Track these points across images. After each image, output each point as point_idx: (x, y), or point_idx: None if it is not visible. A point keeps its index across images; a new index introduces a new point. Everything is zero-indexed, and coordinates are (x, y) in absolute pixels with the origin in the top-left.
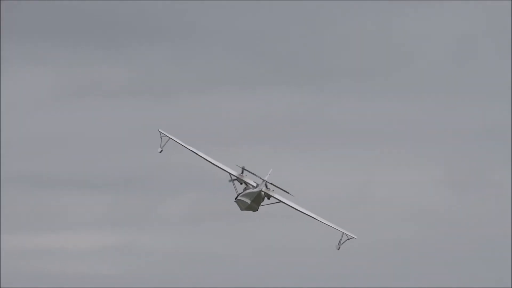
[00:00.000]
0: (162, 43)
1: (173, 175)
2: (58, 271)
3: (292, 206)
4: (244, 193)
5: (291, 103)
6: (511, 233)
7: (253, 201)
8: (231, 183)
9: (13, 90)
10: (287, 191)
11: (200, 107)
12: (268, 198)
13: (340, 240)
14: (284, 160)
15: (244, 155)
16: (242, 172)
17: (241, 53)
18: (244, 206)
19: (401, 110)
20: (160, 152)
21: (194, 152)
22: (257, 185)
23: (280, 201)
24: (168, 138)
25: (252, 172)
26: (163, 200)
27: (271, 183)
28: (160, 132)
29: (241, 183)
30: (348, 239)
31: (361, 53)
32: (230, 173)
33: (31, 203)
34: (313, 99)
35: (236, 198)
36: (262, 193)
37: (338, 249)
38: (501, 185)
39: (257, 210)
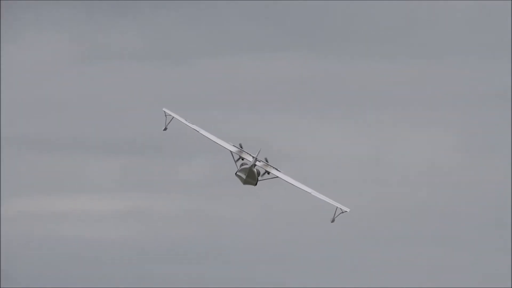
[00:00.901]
0: (171, 8)
1: (185, 141)
2: (68, 235)
3: (289, 181)
4: (240, 168)
5: (298, 69)
6: None
7: (248, 176)
8: (232, 157)
9: (17, 56)
10: (277, 167)
11: (205, 72)
12: (268, 173)
13: (334, 213)
14: (287, 126)
15: (246, 122)
16: (242, 147)
17: (247, 17)
18: (242, 181)
19: (414, 74)
20: (164, 130)
21: (196, 130)
22: (255, 160)
23: (277, 177)
24: (172, 116)
25: (246, 151)
26: (177, 165)
27: (263, 160)
28: (164, 111)
29: (242, 159)
30: (342, 213)
31: (373, 17)
32: (230, 150)
33: (37, 166)
34: (319, 64)
35: (236, 173)
36: (254, 169)
37: (332, 221)
38: None
39: (256, 184)
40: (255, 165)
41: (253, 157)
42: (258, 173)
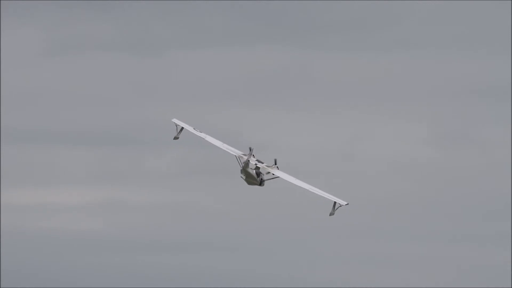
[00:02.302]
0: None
1: (159, 131)
2: (39, 227)
3: (291, 181)
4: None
5: (277, 60)
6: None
7: (247, 176)
8: (236, 158)
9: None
10: (270, 167)
11: (185, 64)
12: (270, 173)
13: (334, 207)
14: (265, 119)
15: (228, 115)
16: (251, 150)
17: (224, 8)
18: (246, 182)
19: (392, 66)
20: (175, 139)
21: (203, 139)
22: (247, 159)
23: (278, 177)
24: (181, 126)
25: (253, 154)
26: (149, 155)
27: (259, 160)
28: (174, 122)
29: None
30: (341, 206)
31: (347, 10)
32: (234, 155)
33: (6, 158)
34: (297, 56)
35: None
36: (249, 169)
37: (330, 214)
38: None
39: (261, 184)
40: (257, 166)
41: (244, 157)
42: (258, 174)
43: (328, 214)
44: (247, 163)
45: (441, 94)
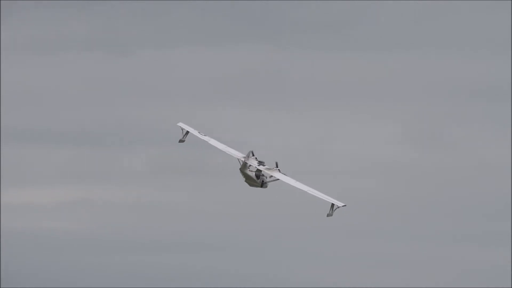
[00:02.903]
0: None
1: (134, 129)
2: (11, 226)
3: (291, 184)
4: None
5: (251, 60)
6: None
7: (247, 178)
8: (238, 161)
9: None
10: (271, 169)
11: (159, 63)
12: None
13: (332, 208)
14: (242, 118)
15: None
16: (253, 155)
17: (199, 8)
18: (246, 183)
19: (366, 65)
20: (180, 142)
21: (207, 142)
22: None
23: (278, 179)
24: (187, 130)
25: (254, 157)
26: (125, 154)
27: (260, 163)
28: (180, 126)
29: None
30: (339, 207)
31: (322, 7)
32: (237, 158)
33: None
34: (271, 56)
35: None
36: (247, 171)
37: (328, 215)
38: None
39: (262, 186)
40: (259, 169)
41: (246, 160)
42: (258, 176)
43: (326, 215)
44: (244, 165)
45: (437, 93)
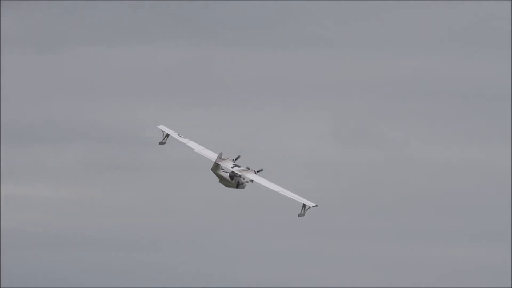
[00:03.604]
0: None
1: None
2: None
3: (264, 184)
4: None
5: (186, 56)
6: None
7: (221, 179)
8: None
9: None
10: (246, 171)
11: (93, 60)
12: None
13: (303, 209)
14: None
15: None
16: (236, 159)
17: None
18: (222, 184)
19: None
20: (161, 144)
21: (188, 146)
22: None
23: (253, 180)
24: (167, 133)
25: (227, 158)
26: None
27: (236, 165)
28: (161, 129)
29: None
30: (310, 207)
31: (255, 4)
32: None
33: None
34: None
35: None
36: (220, 172)
37: (299, 215)
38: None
39: (238, 187)
40: (234, 171)
41: (217, 161)
42: (232, 177)
43: (297, 215)
44: (215, 166)
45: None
